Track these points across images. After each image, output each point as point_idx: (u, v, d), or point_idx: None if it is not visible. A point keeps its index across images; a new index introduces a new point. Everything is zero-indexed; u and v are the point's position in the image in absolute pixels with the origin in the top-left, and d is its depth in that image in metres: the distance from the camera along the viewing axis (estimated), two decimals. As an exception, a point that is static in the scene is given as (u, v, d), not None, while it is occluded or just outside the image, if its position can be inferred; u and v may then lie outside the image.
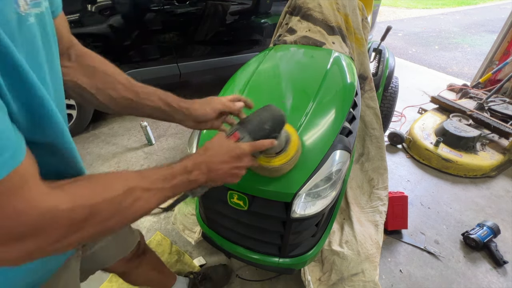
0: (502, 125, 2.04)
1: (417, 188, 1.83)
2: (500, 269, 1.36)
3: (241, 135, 0.58)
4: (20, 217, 0.28)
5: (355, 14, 1.42)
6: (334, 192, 0.85)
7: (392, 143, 2.20)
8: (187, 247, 1.41)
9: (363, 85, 1.44)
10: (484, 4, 9.29)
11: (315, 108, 0.93)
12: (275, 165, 0.72)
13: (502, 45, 2.77)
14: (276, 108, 0.64)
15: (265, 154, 0.72)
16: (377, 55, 1.91)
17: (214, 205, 0.91)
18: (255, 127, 0.60)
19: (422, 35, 5.66)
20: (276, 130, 0.64)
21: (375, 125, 1.47)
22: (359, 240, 1.24)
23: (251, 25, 2.56)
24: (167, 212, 0.92)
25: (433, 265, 1.36)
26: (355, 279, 1.13)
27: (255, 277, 1.28)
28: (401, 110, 2.67)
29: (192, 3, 2.17)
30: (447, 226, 1.57)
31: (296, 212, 0.79)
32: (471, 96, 2.63)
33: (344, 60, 1.21)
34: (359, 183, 1.50)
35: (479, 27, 6.37)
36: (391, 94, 1.95)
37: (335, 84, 1.06)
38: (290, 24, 1.42)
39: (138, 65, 2.19)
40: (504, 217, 1.64)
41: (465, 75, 3.79)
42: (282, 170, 0.74)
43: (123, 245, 0.78)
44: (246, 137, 0.58)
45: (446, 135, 2.02)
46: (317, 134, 0.86)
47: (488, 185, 1.87)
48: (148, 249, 0.93)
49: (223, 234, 0.99)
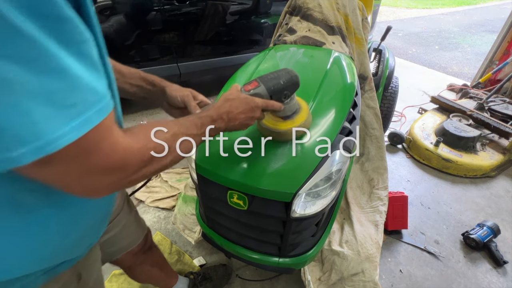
0: (502, 125, 2.04)
1: (417, 188, 1.83)
2: (500, 269, 1.36)
3: (258, 84, 0.66)
4: (110, 155, 0.34)
5: (355, 14, 1.41)
6: (334, 192, 0.85)
7: (392, 143, 2.20)
8: (187, 247, 1.41)
9: (363, 85, 1.44)
10: (484, 4, 9.29)
11: (315, 108, 0.93)
12: (280, 129, 0.78)
13: (502, 45, 2.77)
14: (293, 71, 0.71)
15: (274, 117, 0.79)
16: (377, 55, 1.91)
17: (214, 205, 0.91)
18: (272, 79, 0.68)
19: (422, 35, 5.66)
20: (289, 88, 0.70)
21: (375, 125, 1.47)
22: (359, 240, 1.24)
23: (251, 25, 2.56)
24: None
25: (433, 265, 1.36)
26: (355, 279, 1.13)
27: (255, 277, 1.28)
28: (401, 110, 2.67)
29: (192, 3, 2.18)
30: (447, 226, 1.57)
31: (296, 211, 0.79)
32: (471, 96, 2.63)
33: (344, 60, 1.21)
34: (359, 183, 1.50)
35: (479, 27, 6.37)
36: (391, 94, 1.95)
37: (335, 84, 1.06)
38: (290, 24, 1.42)
39: (138, 65, 2.18)
40: (504, 217, 1.64)
41: (465, 75, 3.79)
42: (285, 135, 0.79)
43: (131, 236, 0.81)
44: (262, 86, 0.66)
45: (446, 135, 2.02)
46: (317, 134, 0.86)
47: (488, 185, 1.87)
48: (154, 245, 0.95)
49: (223, 234, 0.99)
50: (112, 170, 0.35)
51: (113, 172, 0.35)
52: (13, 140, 0.25)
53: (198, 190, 0.94)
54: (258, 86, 0.66)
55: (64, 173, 0.32)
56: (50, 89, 0.26)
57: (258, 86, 0.66)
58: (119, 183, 0.38)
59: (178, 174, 1.83)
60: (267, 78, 0.68)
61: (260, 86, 0.66)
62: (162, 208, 1.61)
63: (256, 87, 0.66)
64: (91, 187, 0.35)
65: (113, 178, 0.36)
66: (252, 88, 0.65)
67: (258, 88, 0.66)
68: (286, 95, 0.71)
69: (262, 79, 0.67)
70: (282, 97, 0.70)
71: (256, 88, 0.66)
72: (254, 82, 0.66)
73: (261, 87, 0.66)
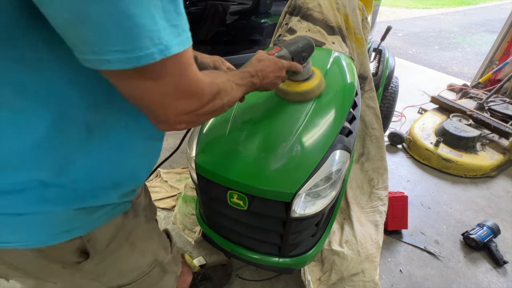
0: (502, 125, 2.04)
1: (417, 188, 1.83)
2: (500, 269, 1.36)
3: (281, 48, 0.75)
4: (193, 81, 0.39)
5: (355, 14, 1.41)
6: (334, 192, 0.85)
7: (392, 143, 2.20)
8: (187, 247, 1.41)
9: (363, 85, 1.44)
10: (484, 4, 9.29)
11: (314, 107, 0.93)
12: (298, 90, 0.89)
13: (502, 45, 2.77)
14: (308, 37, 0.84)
15: (292, 80, 0.89)
16: (377, 55, 1.91)
17: (214, 205, 0.91)
18: (292, 44, 0.77)
19: (422, 35, 5.66)
20: (307, 51, 0.80)
21: (375, 125, 1.47)
22: (359, 240, 1.24)
23: (251, 25, 2.56)
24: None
25: (433, 265, 1.36)
26: (355, 279, 1.13)
27: (255, 277, 1.28)
28: (401, 110, 2.67)
29: (192, 3, 2.17)
30: (447, 226, 1.57)
31: (296, 211, 0.79)
32: (471, 96, 2.63)
33: (344, 60, 1.21)
34: (359, 183, 1.50)
35: (479, 27, 6.37)
36: (391, 94, 1.95)
37: (335, 84, 1.06)
38: (290, 24, 1.42)
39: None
40: (504, 217, 1.64)
41: (465, 75, 3.79)
42: (303, 95, 0.91)
43: None
44: (284, 50, 0.75)
45: (446, 135, 2.02)
46: (317, 134, 0.86)
47: (488, 185, 1.87)
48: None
49: (223, 234, 0.99)
50: (192, 95, 0.40)
51: (192, 97, 0.40)
52: (147, 40, 0.30)
53: (198, 190, 0.94)
54: (281, 50, 0.74)
55: (156, 89, 0.36)
56: (165, 7, 0.31)
57: (281, 50, 0.74)
58: (194, 113, 0.42)
59: (178, 174, 1.83)
60: (288, 43, 0.77)
61: (283, 49, 0.74)
62: (162, 208, 1.61)
63: (279, 50, 0.74)
64: (173, 111, 0.39)
65: (192, 105, 0.40)
66: (275, 52, 0.73)
67: (281, 51, 0.74)
68: (304, 57, 0.81)
69: (283, 44, 0.76)
70: (301, 60, 0.80)
71: (279, 51, 0.73)
72: (277, 47, 0.75)
73: (283, 50, 0.74)
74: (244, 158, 0.81)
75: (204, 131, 0.93)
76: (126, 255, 0.56)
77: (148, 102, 0.37)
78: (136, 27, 0.29)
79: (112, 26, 0.28)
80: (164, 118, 0.39)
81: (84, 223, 0.47)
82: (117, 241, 0.53)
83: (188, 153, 0.91)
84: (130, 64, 0.31)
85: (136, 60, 0.31)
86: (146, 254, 0.62)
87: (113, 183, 0.48)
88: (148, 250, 0.62)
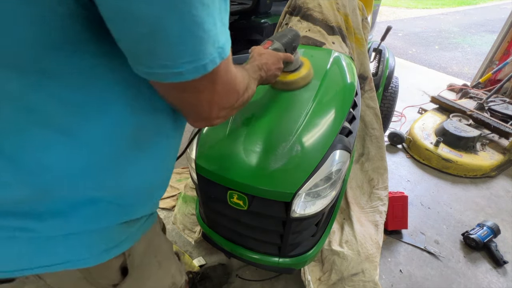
0: (502, 125, 2.04)
1: (417, 188, 1.83)
2: (500, 269, 1.36)
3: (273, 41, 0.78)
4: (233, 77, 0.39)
5: (355, 14, 1.41)
6: (334, 192, 0.84)
7: (392, 143, 2.20)
8: (187, 247, 1.41)
9: (363, 85, 1.44)
10: (484, 4, 9.29)
11: (314, 107, 0.93)
12: (290, 79, 0.93)
13: (502, 45, 2.77)
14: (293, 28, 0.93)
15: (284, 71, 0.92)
16: (377, 55, 1.91)
17: (214, 205, 0.91)
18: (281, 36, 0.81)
19: (422, 35, 5.66)
20: (295, 41, 0.84)
21: (375, 125, 1.47)
22: (359, 240, 1.24)
23: (251, 25, 2.56)
24: None
25: (433, 265, 1.36)
26: (355, 279, 1.13)
27: (255, 277, 1.28)
28: (401, 110, 2.67)
29: (192, 3, 2.17)
30: (447, 226, 1.57)
31: (296, 211, 0.79)
32: (471, 96, 2.63)
33: (344, 60, 1.21)
34: (359, 183, 1.50)
35: (479, 27, 6.37)
36: (391, 94, 1.95)
37: (335, 84, 1.06)
38: (290, 24, 1.42)
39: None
40: (504, 217, 1.64)
41: (465, 75, 3.79)
42: (295, 83, 0.94)
43: None
44: (277, 42, 0.78)
45: (446, 135, 2.02)
46: (317, 134, 0.86)
47: (488, 185, 1.87)
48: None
49: (223, 234, 0.99)
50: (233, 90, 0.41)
51: (234, 92, 0.41)
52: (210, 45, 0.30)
53: (198, 190, 0.94)
54: (274, 43, 0.77)
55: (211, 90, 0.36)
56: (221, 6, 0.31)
57: (274, 43, 0.77)
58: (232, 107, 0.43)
59: (178, 174, 1.83)
60: (278, 36, 0.80)
61: (275, 42, 0.78)
62: (162, 208, 1.61)
63: (272, 44, 0.77)
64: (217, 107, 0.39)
65: (232, 99, 0.42)
66: (269, 45, 0.76)
67: (274, 44, 0.77)
68: (294, 47, 0.84)
69: (274, 38, 0.80)
70: (292, 50, 0.83)
71: (273, 45, 0.77)
72: (269, 41, 0.78)
73: (276, 43, 0.77)
74: (244, 158, 0.81)
75: (204, 131, 0.93)
76: (154, 273, 0.55)
77: (198, 102, 0.37)
78: (204, 34, 0.28)
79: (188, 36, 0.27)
80: (208, 115, 0.39)
81: (127, 237, 0.46)
82: (148, 257, 0.52)
83: (188, 153, 0.91)
84: (198, 73, 0.30)
85: (203, 68, 0.30)
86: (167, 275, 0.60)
87: (150, 193, 0.48)
88: (169, 271, 0.61)
